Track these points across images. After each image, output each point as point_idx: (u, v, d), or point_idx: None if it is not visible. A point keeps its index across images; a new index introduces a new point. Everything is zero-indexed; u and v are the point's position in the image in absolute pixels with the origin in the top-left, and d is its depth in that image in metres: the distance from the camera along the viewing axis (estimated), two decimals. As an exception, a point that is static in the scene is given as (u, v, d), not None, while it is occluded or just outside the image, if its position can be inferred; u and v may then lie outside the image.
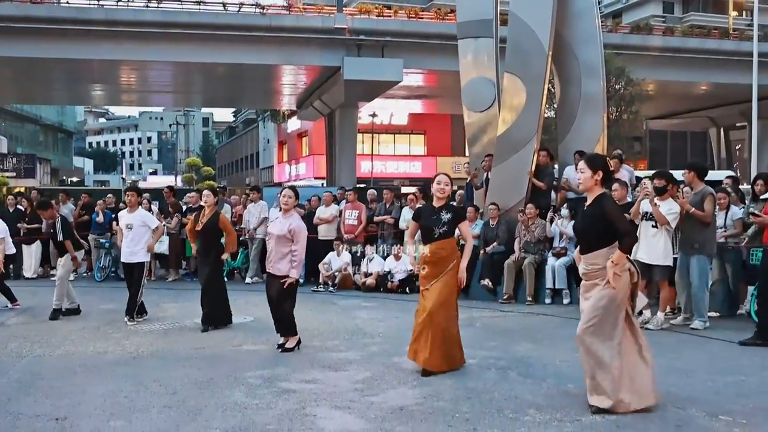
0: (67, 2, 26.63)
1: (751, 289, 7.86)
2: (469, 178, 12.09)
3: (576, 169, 10.15)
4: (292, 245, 6.41)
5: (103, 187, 53.98)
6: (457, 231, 5.84)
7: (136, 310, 8.08)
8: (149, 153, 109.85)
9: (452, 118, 39.84)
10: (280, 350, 6.42)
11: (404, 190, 22.86)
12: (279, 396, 4.90)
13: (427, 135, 45.33)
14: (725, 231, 8.08)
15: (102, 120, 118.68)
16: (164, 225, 9.20)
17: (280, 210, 6.85)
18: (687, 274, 7.48)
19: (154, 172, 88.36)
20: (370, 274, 11.09)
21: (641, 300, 4.76)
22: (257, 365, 5.86)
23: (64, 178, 61.03)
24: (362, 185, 30.84)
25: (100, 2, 26.47)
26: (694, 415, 4.35)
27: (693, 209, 7.26)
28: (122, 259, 8.33)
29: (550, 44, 10.36)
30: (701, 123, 47.05)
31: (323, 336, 7.11)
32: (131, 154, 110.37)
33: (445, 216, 5.70)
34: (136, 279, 8.09)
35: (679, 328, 7.41)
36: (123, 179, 20.56)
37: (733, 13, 53.10)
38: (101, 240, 12.92)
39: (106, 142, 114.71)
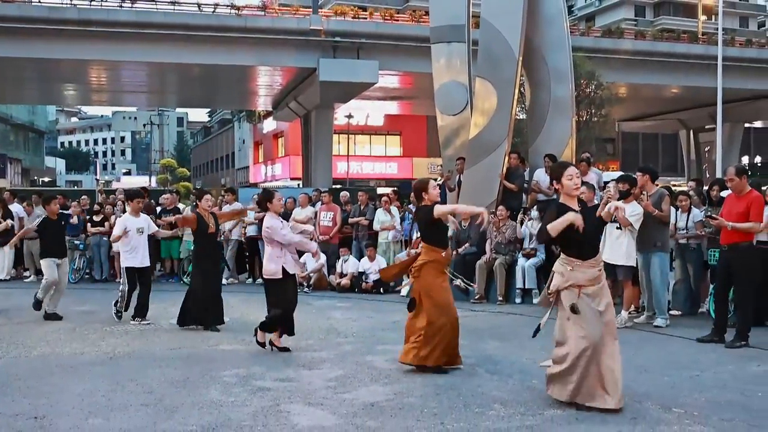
0: (39, 1, 26.38)
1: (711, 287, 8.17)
2: (442, 180, 12.30)
3: (546, 171, 10.50)
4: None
5: (76, 188, 53.36)
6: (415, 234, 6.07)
7: (145, 311, 8.18)
8: (123, 153, 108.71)
9: (428, 119, 40.12)
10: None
11: (380, 190, 23.09)
12: (254, 394, 5.04)
13: (403, 136, 45.59)
14: (687, 233, 8.37)
15: (74, 119, 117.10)
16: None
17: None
18: (648, 273, 7.78)
19: (128, 173, 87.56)
20: (345, 275, 11.26)
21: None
22: (233, 364, 6.00)
23: (36, 178, 60.27)
24: (338, 186, 31.01)
25: (73, 2, 26.26)
26: (648, 408, 4.59)
27: (656, 211, 7.54)
28: (138, 264, 8.26)
29: (520, 50, 10.63)
30: (671, 125, 47.92)
31: (298, 336, 7.23)
32: (104, 154, 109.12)
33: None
34: (147, 281, 8.32)
35: (641, 326, 7.69)
36: (97, 180, 20.40)
37: (702, 18, 54.03)
38: (75, 242, 12.90)
39: (78, 142, 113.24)
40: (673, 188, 13.21)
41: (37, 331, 7.69)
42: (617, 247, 7.59)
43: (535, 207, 10.34)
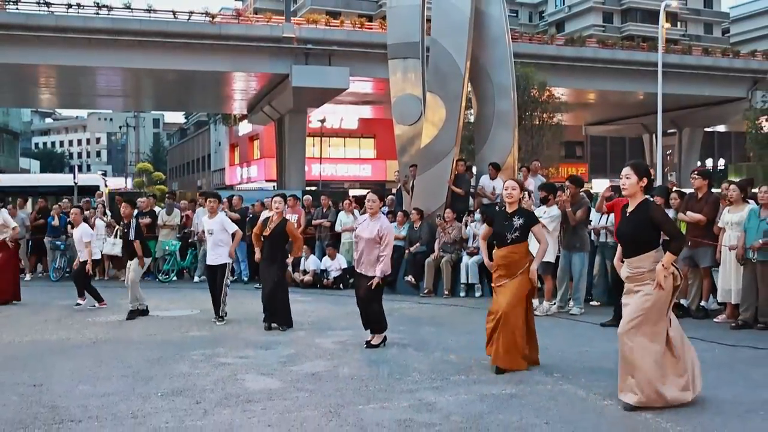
0: (17, 8, 26.98)
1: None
2: (400, 185, 13.36)
3: (489, 178, 11.61)
4: (380, 246, 6.77)
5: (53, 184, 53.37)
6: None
7: (221, 309, 8.49)
8: (98, 154, 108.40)
9: (400, 123, 41.02)
10: (366, 347, 6.81)
11: (353, 192, 23.99)
12: (217, 367, 6.05)
13: (377, 139, 46.59)
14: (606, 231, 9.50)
15: (49, 120, 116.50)
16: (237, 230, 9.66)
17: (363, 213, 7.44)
18: (569, 269, 8.92)
19: (104, 174, 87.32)
20: (308, 272, 12.28)
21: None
22: (201, 346, 6.99)
23: (11, 179, 60.12)
24: (313, 188, 31.92)
25: (50, 8, 26.91)
26: (534, 374, 5.69)
27: (569, 209, 8.68)
28: (207, 262, 8.65)
29: (466, 67, 11.72)
30: (635, 129, 49.49)
31: (260, 324, 8.23)
32: (79, 155, 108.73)
33: (518, 221, 5.93)
34: (219, 280, 8.49)
35: (559, 314, 8.82)
36: (76, 183, 20.78)
37: (666, 25, 55.76)
38: (56, 242, 13.78)
39: (53, 143, 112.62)
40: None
41: (25, 322, 8.61)
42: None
43: (478, 210, 11.45)
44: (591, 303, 9.50)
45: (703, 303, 8.48)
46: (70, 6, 26.81)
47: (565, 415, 4.63)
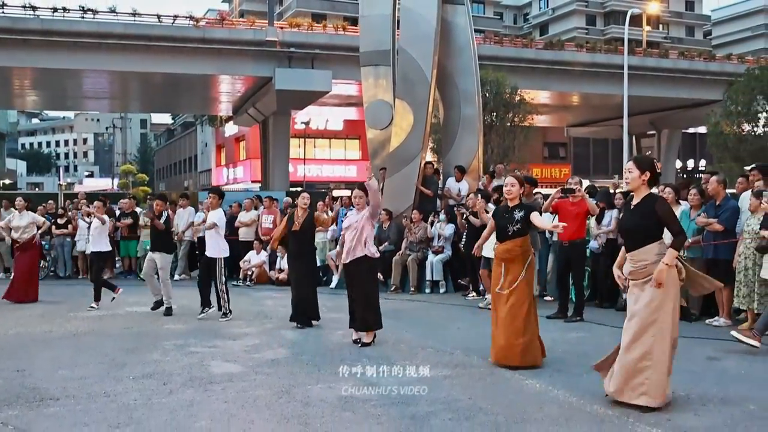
0: (2, 12, 27.38)
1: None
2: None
3: (456, 180, 12.23)
4: (365, 229, 7.03)
5: (37, 190, 53.72)
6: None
7: (226, 306, 8.78)
8: (85, 155, 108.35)
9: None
10: (360, 346, 6.96)
11: (338, 193, 24.59)
12: (186, 355, 6.63)
13: (362, 140, 46.79)
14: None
15: (35, 120, 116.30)
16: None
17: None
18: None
19: (91, 175, 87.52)
20: (283, 270, 12.85)
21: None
22: (174, 338, 7.56)
23: (-4, 180, 60.31)
24: (299, 188, 32.46)
25: (36, 12, 27.33)
26: (471, 359, 6.31)
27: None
28: (207, 254, 8.95)
29: (432, 75, 12.33)
30: (616, 131, 50.16)
31: (232, 318, 8.79)
32: (66, 155, 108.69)
33: (518, 214, 6.09)
34: (213, 273, 8.80)
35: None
36: (60, 185, 21.32)
37: (648, 27, 56.68)
38: (41, 243, 14.24)
39: (39, 144, 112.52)
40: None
41: (9, 317, 9.13)
42: (488, 245, 9.34)
43: (442, 211, 12.07)
44: (545, 298, 10.13)
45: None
46: (55, 10, 27.28)
47: (488, 392, 5.25)
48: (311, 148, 42.99)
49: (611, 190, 11.11)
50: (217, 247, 8.92)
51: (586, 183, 13.08)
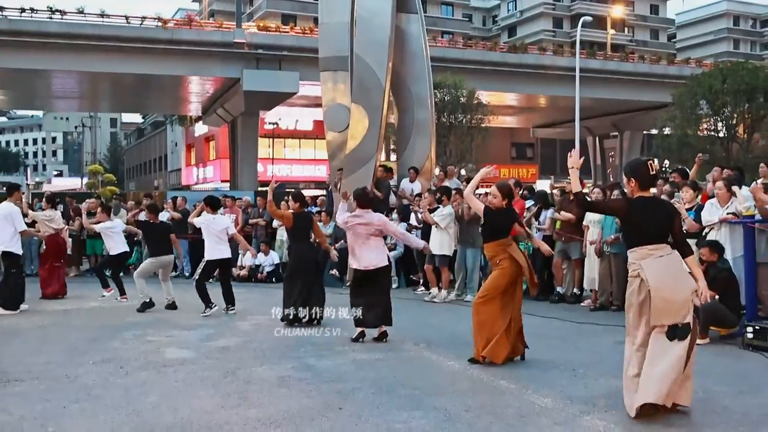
0: (-30, 12, 27.45)
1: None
2: (331, 186, 14.56)
3: (410, 180, 12.89)
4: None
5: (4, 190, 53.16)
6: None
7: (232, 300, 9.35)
8: (54, 154, 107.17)
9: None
10: (378, 341, 7.16)
11: (308, 192, 25.14)
12: (144, 344, 7.19)
13: (331, 140, 47.63)
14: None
15: (3, 119, 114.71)
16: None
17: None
18: (464, 262, 10.25)
19: (60, 174, 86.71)
20: (244, 267, 13.41)
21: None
22: (133, 329, 8.09)
23: (-36, 179, 59.68)
24: (264, 188, 32.93)
25: (3, 12, 27.43)
26: (404, 344, 6.97)
27: (461, 209, 10.01)
28: (221, 256, 9.44)
29: (387, 80, 12.98)
30: (581, 132, 51.52)
31: (191, 311, 9.34)
32: (35, 154, 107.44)
33: (504, 219, 6.23)
34: (225, 273, 9.55)
35: (456, 301, 10.15)
36: (28, 185, 21.38)
37: (612, 31, 57.98)
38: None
39: (7, 142, 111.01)
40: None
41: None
42: (436, 241, 10.04)
43: (395, 210, 12.72)
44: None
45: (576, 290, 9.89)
46: (23, 10, 27.40)
47: (413, 372, 5.91)
48: (281, 148, 43.42)
49: (548, 191, 11.89)
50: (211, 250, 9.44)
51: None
